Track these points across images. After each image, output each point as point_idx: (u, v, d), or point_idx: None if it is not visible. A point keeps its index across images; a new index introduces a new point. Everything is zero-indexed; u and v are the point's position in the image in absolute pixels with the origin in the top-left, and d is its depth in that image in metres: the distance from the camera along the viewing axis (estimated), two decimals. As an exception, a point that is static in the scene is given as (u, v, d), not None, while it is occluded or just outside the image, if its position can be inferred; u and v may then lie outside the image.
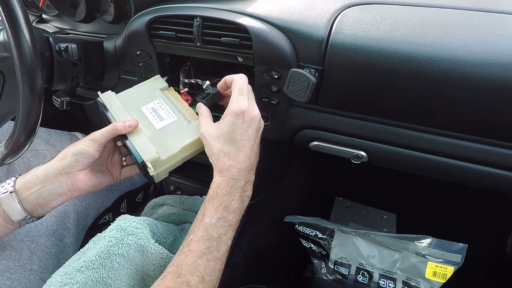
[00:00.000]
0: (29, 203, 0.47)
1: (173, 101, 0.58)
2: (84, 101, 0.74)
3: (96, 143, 0.50)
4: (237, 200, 0.45)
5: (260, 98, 0.58)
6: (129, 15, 0.66)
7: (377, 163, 0.58)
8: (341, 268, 0.70)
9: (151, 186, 0.90)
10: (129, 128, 0.50)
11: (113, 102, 0.56)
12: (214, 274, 0.42)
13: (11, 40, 0.41)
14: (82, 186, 0.50)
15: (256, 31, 0.51)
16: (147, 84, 0.60)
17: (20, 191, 0.47)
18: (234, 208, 0.45)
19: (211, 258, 0.42)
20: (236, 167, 0.46)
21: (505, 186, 0.50)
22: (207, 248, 0.42)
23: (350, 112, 0.54)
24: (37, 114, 0.46)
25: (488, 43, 0.43)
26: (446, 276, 0.61)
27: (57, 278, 0.42)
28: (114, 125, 0.50)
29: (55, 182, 0.48)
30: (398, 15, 0.49)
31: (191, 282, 0.39)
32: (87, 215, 0.65)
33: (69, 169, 0.48)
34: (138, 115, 0.54)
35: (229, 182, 0.45)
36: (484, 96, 0.43)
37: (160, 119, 0.54)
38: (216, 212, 0.44)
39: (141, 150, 0.49)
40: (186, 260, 0.41)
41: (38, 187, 0.47)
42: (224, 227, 0.44)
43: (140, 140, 0.51)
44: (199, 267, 0.40)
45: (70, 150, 0.49)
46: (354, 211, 0.99)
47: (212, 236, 0.42)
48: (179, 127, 0.54)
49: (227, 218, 0.44)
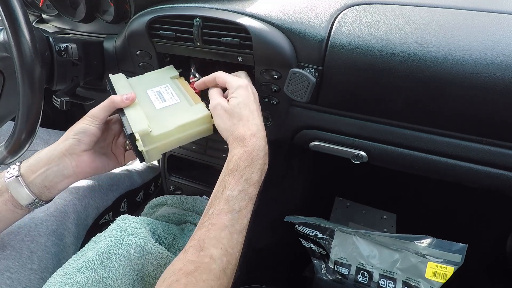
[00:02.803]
0: (36, 186, 0.47)
1: (181, 88, 0.57)
2: (84, 101, 0.74)
3: (96, 120, 0.49)
4: (257, 173, 0.45)
5: (260, 98, 0.58)
6: (129, 15, 0.66)
7: (377, 163, 0.58)
8: (341, 268, 0.70)
9: (151, 186, 0.90)
10: (126, 101, 0.50)
11: (121, 83, 0.56)
12: (237, 247, 0.41)
13: (11, 40, 0.41)
14: (87, 168, 0.50)
15: (256, 31, 0.51)
16: (159, 72, 0.61)
17: (25, 174, 0.46)
18: (254, 181, 0.44)
19: (234, 231, 0.41)
20: (256, 135, 0.46)
21: (505, 186, 0.50)
22: (229, 220, 0.41)
23: (350, 112, 0.54)
24: (37, 114, 0.46)
25: (488, 43, 0.43)
26: (446, 276, 0.61)
27: (57, 278, 0.42)
28: (110, 98, 0.50)
29: (60, 164, 0.48)
30: (398, 15, 0.49)
31: (214, 255, 0.38)
32: (87, 214, 0.65)
33: (72, 150, 0.48)
34: (141, 96, 0.54)
35: (251, 153, 0.45)
36: (484, 96, 0.43)
37: (162, 100, 0.54)
38: (238, 185, 0.43)
39: (132, 122, 0.48)
40: (208, 234, 0.40)
41: (43, 169, 0.47)
42: (245, 200, 0.43)
43: (135, 114, 0.49)
44: (223, 240, 0.39)
45: (72, 130, 0.49)
46: (354, 211, 0.99)
47: (234, 209, 0.42)
48: (180, 108, 0.52)
49: (248, 191, 0.43)
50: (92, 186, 0.68)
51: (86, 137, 0.49)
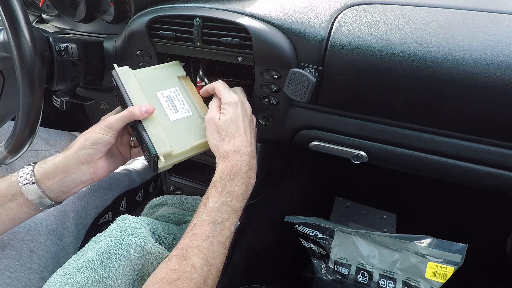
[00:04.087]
0: (52, 191, 0.48)
1: (189, 93, 0.58)
2: (84, 101, 0.74)
3: (112, 130, 0.50)
4: (240, 186, 0.46)
5: (260, 98, 0.58)
6: (129, 15, 0.66)
7: (377, 163, 0.58)
8: (341, 268, 0.70)
9: (150, 185, 0.90)
10: (145, 115, 0.50)
11: (130, 80, 0.54)
12: (218, 258, 0.42)
13: (11, 40, 0.41)
14: (103, 172, 0.52)
15: (256, 31, 0.51)
16: (164, 68, 0.60)
17: (41, 181, 0.47)
18: (237, 194, 0.46)
19: (215, 241, 0.42)
20: (240, 152, 0.48)
21: (505, 186, 0.50)
22: (211, 231, 0.42)
23: (350, 112, 0.54)
24: (37, 114, 0.46)
25: (488, 43, 0.43)
26: (446, 276, 0.61)
27: (57, 278, 0.42)
28: (130, 111, 0.50)
29: (78, 172, 0.49)
30: (398, 15, 0.49)
31: (195, 264, 0.39)
32: (86, 214, 0.65)
33: (89, 159, 0.49)
34: (153, 101, 0.54)
35: (233, 168, 0.47)
36: (484, 96, 0.43)
37: (175, 110, 0.55)
38: (220, 197, 0.45)
39: (155, 141, 0.49)
40: (191, 243, 0.41)
41: (60, 176, 0.48)
42: (228, 212, 0.44)
43: (155, 130, 0.50)
44: (204, 250, 0.41)
45: (88, 140, 0.49)
46: (354, 211, 0.99)
47: (216, 220, 0.43)
48: (192, 124, 0.54)
49: (231, 204, 0.45)
50: (91, 186, 0.68)
51: (103, 146, 0.50)
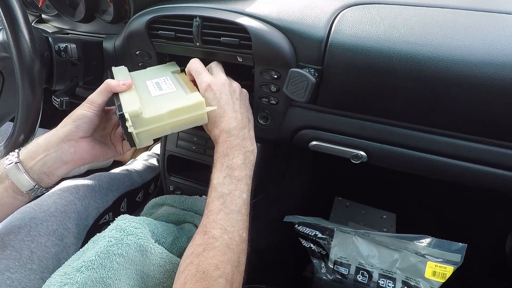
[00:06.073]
0: (35, 172, 0.47)
1: (180, 80, 0.58)
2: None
3: (93, 105, 0.50)
4: (237, 157, 0.48)
5: (260, 98, 0.58)
6: (128, 15, 0.66)
7: (377, 163, 0.58)
8: (340, 267, 0.70)
9: (151, 186, 0.90)
10: (122, 86, 0.50)
11: (122, 74, 0.56)
12: (237, 225, 0.45)
13: (11, 40, 0.41)
14: (85, 154, 0.50)
15: (256, 31, 0.51)
16: (160, 67, 0.62)
17: (25, 161, 0.47)
18: (237, 165, 0.48)
19: (228, 211, 0.45)
20: (225, 131, 0.49)
21: (505, 186, 0.50)
22: (222, 204, 0.45)
23: (349, 112, 0.54)
24: (37, 114, 0.46)
25: (487, 43, 0.43)
26: (445, 275, 0.61)
27: (57, 278, 0.42)
28: (106, 82, 0.50)
29: (58, 150, 0.48)
30: (398, 15, 0.49)
31: (215, 235, 0.43)
32: (87, 214, 0.65)
33: (70, 136, 0.49)
34: (139, 85, 0.54)
35: (223, 145, 0.49)
36: (483, 96, 0.43)
37: (159, 89, 0.54)
38: (221, 172, 0.47)
39: (125, 104, 0.47)
40: (208, 219, 0.44)
41: (42, 155, 0.47)
42: (233, 183, 0.47)
43: (129, 98, 0.49)
44: (220, 221, 0.44)
45: (70, 116, 0.49)
46: (354, 211, 0.99)
47: (224, 193, 0.46)
48: (175, 96, 0.53)
49: (233, 175, 0.47)
50: (92, 186, 0.68)
51: (84, 123, 0.49)
